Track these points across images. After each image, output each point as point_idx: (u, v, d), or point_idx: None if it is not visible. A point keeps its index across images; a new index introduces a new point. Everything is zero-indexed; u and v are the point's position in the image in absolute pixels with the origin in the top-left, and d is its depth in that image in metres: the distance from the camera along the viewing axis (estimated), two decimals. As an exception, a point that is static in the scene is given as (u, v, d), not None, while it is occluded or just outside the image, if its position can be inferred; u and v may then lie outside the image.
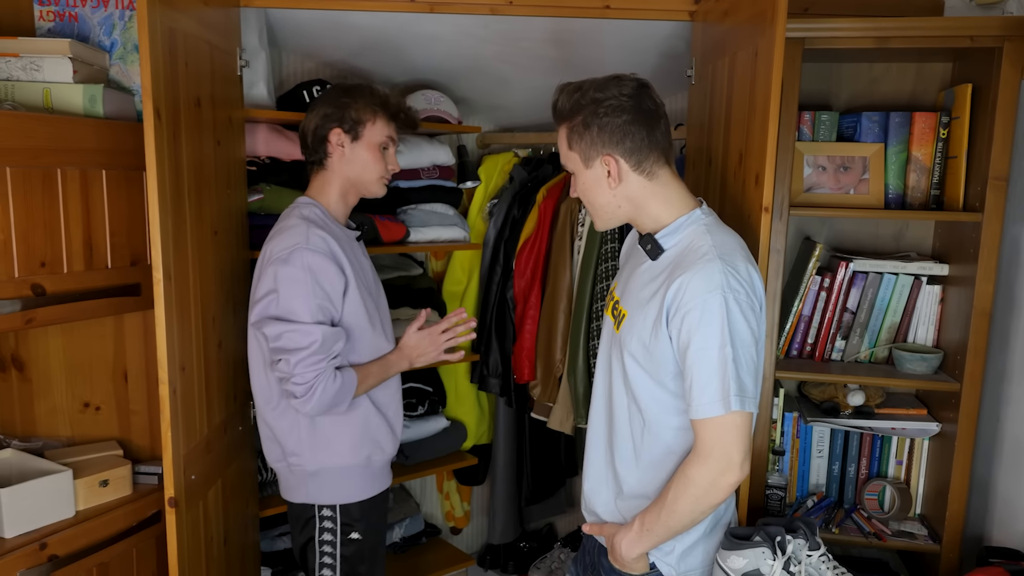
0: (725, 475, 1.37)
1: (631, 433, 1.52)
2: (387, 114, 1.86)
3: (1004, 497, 1.97)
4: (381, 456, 1.93)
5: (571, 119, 1.47)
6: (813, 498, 2.16)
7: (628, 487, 1.54)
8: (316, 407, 1.73)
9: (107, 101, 1.86)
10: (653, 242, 1.47)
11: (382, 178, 1.89)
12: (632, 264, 1.57)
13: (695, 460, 1.39)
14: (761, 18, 1.62)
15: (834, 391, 2.17)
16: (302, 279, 1.71)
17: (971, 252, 1.94)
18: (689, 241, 1.44)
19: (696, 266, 1.37)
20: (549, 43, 2.32)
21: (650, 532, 1.46)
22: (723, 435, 1.36)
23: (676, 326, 1.37)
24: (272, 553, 2.46)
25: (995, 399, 2.02)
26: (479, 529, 3.26)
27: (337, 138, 1.83)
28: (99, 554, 1.88)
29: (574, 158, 1.49)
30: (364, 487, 1.90)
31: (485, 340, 2.74)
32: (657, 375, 1.44)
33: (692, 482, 1.38)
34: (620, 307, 1.54)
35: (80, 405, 2.12)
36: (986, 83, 1.91)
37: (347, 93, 1.85)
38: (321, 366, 1.72)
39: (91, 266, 1.83)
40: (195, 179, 1.75)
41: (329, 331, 1.73)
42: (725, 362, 1.34)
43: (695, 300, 1.35)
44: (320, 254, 1.72)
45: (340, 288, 1.77)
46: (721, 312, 1.33)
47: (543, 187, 2.69)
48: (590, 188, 1.49)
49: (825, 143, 2.08)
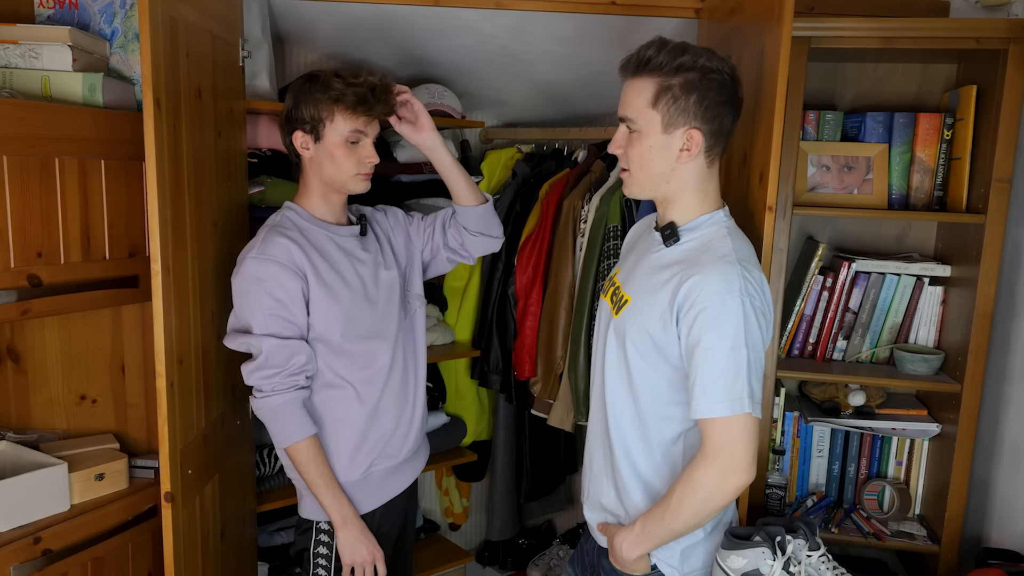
0: (732, 477, 1.35)
1: (626, 420, 1.50)
2: (347, 107, 1.67)
3: (1003, 498, 1.97)
4: (386, 463, 1.83)
5: (668, 77, 1.36)
6: (813, 498, 2.16)
7: (624, 477, 1.52)
8: (263, 414, 1.70)
9: (107, 90, 1.84)
10: (673, 229, 1.44)
11: (357, 175, 1.74)
12: (640, 251, 1.55)
13: (702, 462, 1.36)
14: (767, 16, 1.61)
15: (835, 391, 2.17)
16: (247, 290, 1.67)
17: (973, 254, 1.94)
18: (708, 240, 1.42)
19: (715, 266, 1.35)
20: (554, 39, 2.31)
21: (651, 534, 1.44)
22: (732, 436, 1.34)
23: (688, 322, 1.35)
24: (270, 548, 2.45)
25: (995, 401, 2.02)
26: (478, 525, 3.26)
27: (301, 140, 1.72)
28: (94, 548, 1.87)
29: (653, 118, 1.38)
30: (362, 501, 1.80)
31: (486, 336, 2.73)
32: (655, 364, 1.43)
33: (698, 485, 1.36)
34: (623, 292, 1.51)
35: (76, 397, 2.11)
36: (991, 85, 1.91)
37: (303, 90, 1.70)
38: (275, 381, 1.67)
39: (89, 257, 1.82)
40: (195, 170, 1.74)
41: (276, 344, 1.66)
42: (739, 364, 1.32)
43: (712, 299, 1.33)
44: (270, 262, 1.65)
45: (297, 295, 1.68)
46: (738, 314, 1.32)
47: (546, 183, 2.67)
48: (652, 153, 1.40)
49: (829, 143, 2.07)
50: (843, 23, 1.88)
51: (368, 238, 1.86)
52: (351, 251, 1.80)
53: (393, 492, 1.88)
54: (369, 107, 1.69)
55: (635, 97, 1.39)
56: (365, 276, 1.80)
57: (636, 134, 1.41)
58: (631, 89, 1.40)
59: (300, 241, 1.70)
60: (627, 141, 1.43)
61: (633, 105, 1.40)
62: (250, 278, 1.66)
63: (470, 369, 2.84)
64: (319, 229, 1.77)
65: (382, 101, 1.72)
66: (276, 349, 1.66)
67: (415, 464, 1.97)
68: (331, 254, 1.75)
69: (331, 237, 1.78)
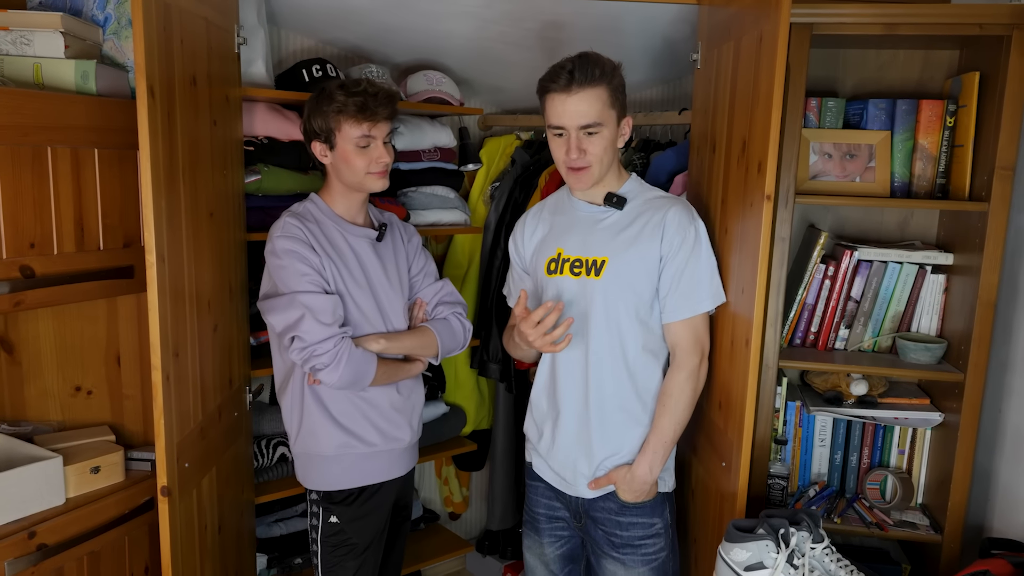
0: (705, 359, 1.78)
1: (613, 378, 1.75)
2: (350, 116, 1.82)
3: (1005, 487, 1.96)
4: (363, 448, 1.92)
5: (611, 80, 1.68)
6: (815, 487, 2.15)
7: (608, 437, 1.77)
8: (345, 374, 1.77)
9: (100, 77, 1.82)
10: (619, 197, 1.77)
11: (371, 174, 1.87)
12: (581, 226, 1.80)
13: (687, 358, 1.74)
14: (766, 2, 1.59)
15: (837, 380, 2.15)
16: (284, 263, 1.80)
17: (976, 242, 1.92)
18: (637, 192, 1.80)
19: (674, 204, 1.76)
20: (553, 25, 2.28)
21: (665, 446, 1.75)
22: (703, 327, 1.77)
23: (675, 245, 1.71)
24: (268, 539, 2.44)
25: (997, 389, 2.01)
26: (478, 515, 3.25)
27: (319, 149, 1.88)
28: (90, 543, 1.85)
29: (611, 116, 1.69)
30: (341, 477, 1.92)
31: (485, 325, 2.71)
32: (640, 309, 1.74)
33: (692, 375, 1.74)
34: (592, 258, 1.76)
35: (71, 389, 2.09)
36: (994, 71, 1.88)
37: (313, 104, 1.86)
38: (333, 330, 1.76)
39: (82, 247, 1.79)
40: (190, 159, 1.71)
41: (320, 298, 1.78)
42: (712, 270, 1.75)
43: (685, 225, 1.72)
44: (291, 238, 1.80)
45: (319, 267, 1.82)
46: (705, 234, 1.75)
47: (545, 171, 2.65)
48: (611, 145, 1.72)
49: (831, 130, 2.05)
50: (845, 9, 1.86)
51: (384, 244, 1.98)
52: (360, 251, 1.91)
53: (377, 479, 1.97)
54: (371, 113, 1.83)
55: (594, 102, 1.67)
56: (371, 275, 1.91)
57: (598, 135, 1.69)
58: (586, 99, 1.66)
59: (314, 231, 1.85)
60: (588, 144, 1.69)
61: (594, 110, 1.67)
62: (283, 252, 1.80)
63: (469, 358, 2.83)
64: (334, 224, 1.90)
65: (383, 104, 1.85)
66: (321, 301, 1.77)
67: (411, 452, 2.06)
68: (341, 248, 1.88)
69: (343, 233, 1.90)
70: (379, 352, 1.87)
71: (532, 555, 1.96)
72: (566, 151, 1.70)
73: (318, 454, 1.91)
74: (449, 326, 2.02)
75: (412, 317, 2.02)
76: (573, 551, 1.92)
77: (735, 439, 1.69)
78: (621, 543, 1.79)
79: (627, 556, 1.79)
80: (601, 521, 1.82)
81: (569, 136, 1.69)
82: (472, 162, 2.81)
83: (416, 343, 1.96)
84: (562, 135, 1.70)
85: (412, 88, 2.51)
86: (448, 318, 2.03)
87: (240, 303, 2.08)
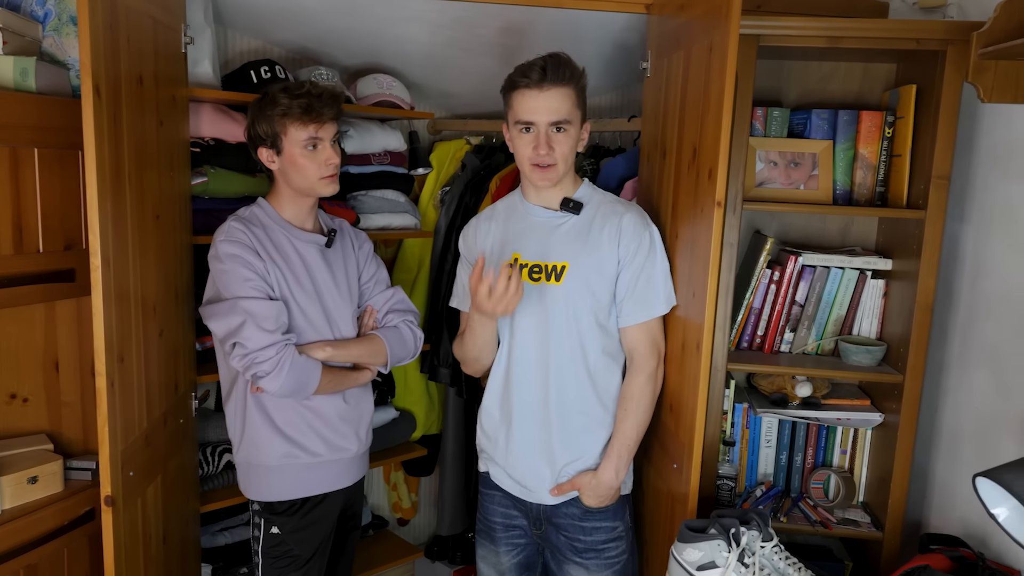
0: (662, 362, 1.82)
1: (575, 383, 1.76)
2: (296, 119, 1.79)
3: (942, 485, 2.04)
4: (307, 458, 1.88)
5: (578, 82, 1.71)
6: (762, 487, 2.20)
7: (571, 442, 1.78)
8: (287, 382, 1.73)
9: (40, 75, 1.76)
10: (576, 202, 1.79)
11: (322, 178, 1.84)
12: (538, 230, 1.81)
13: (645, 361, 1.77)
14: (716, 14, 1.62)
15: (783, 382, 2.20)
16: (227, 268, 1.76)
17: (914, 248, 1.99)
18: (592, 197, 1.82)
19: (629, 209, 1.79)
20: (504, 31, 2.29)
21: (629, 450, 1.77)
22: (659, 330, 1.81)
23: (632, 249, 1.74)
24: (213, 549, 2.38)
25: (934, 390, 2.08)
26: (427, 520, 3.23)
27: (266, 155, 1.85)
28: (27, 555, 1.79)
29: (578, 118, 1.73)
30: (283, 487, 1.88)
31: (436, 330, 2.70)
32: (599, 313, 1.76)
33: (651, 378, 1.78)
34: (550, 263, 1.77)
35: (6, 396, 2.01)
36: (930, 84, 1.96)
37: (256, 109, 1.83)
38: (276, 337, 1.72)
39: (21, 250, 1.74)
40: (136, 160, 1.67)
41: (263, 303, 1.74)
42: (667, 274, 1.78)
43: (641, 230, 1.76)
44: (235, 243, 1.77)
45: (263, 272, 1.78)
46: (659, 238, 1.79)
47: (496, 176, 2.66)
48: (575, 145, 1.75)
49: (777, 139, 2.11)
50: (791, 22, 1.91)
51: (334, 251, 1.95)
52: (308, 256, 1.88)
53: (321, 490, 1.93)
54: (317, 114, 1.80)
55: (563, 101, 1.68)
56: (319, 282, 1.88)
57: (565, 133, 1.70)
58: (557, 96, 1.67)
59: (260, 235, 1.81)
60: (556, 141, 1.70)
61: (564, 108, 1.69)
62: (225, 257, 1.76)
63: (420, 363, 2.81)
64: (281, 229, 1.86)
65: (328, 105, 1.82)
66: (264, 307, 1.74)
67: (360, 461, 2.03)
68: (287, 254, 1.85)
69: (290, 239, 1.87)
70: (325, 360, 1.84)
71: (487, 564, 1.95)
72: (534, 147, 1.70)
73: (260, 464, 1.87)
74: (399, 334, 1.99)
75: (362, 325, 1.99)
76: (529, 559, 1.92)
77: (686, 441, 1.71)
78: (584, 548, 1.80)
79: (590, 561, 1.80)
80: (564, 527, 1.82)
81: (539, 132, 1.69)
82: (422, 166, 2.80)
83: (364, 351, 1.93)
84: (530, 131, 1.70)
85: (362, 91, 2.49)
86: (399, 326, 2.00)
87: (186, 307, 2.03)
